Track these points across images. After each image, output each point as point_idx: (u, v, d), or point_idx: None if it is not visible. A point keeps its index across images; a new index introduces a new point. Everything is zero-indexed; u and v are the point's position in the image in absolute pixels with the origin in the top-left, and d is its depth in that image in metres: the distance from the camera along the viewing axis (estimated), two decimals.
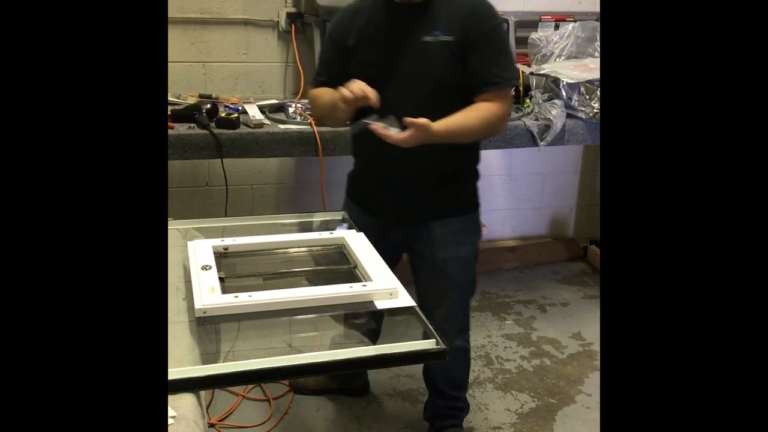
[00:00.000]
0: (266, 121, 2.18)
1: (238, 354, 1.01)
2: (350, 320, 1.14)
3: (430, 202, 1.64)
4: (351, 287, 1.12)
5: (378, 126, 1.45)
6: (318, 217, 1.57)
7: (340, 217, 1.53)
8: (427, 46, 1.54)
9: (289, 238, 1.33)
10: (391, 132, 1.42)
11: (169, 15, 2.48)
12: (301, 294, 1.08)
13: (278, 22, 2.61)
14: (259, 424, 2.03)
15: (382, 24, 1.59)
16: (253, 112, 2.16)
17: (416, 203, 1.64)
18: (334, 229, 1.47)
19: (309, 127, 2.17)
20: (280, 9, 2.60)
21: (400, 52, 1.55)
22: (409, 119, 1.40)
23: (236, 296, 1.06)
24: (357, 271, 1.23)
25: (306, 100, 2.47)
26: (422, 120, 1.41)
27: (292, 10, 2.60)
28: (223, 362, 0.97)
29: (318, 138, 2.14)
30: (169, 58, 2.52)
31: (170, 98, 2.32)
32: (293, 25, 2.59)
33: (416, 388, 2.20)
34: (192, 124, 2.11)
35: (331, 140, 2.17)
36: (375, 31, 1.59)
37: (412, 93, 1.55)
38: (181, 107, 2.19)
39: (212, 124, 2.10)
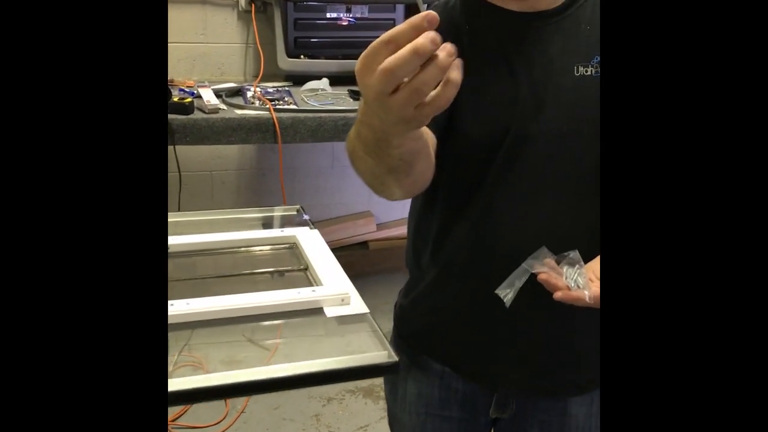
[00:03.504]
0: (222, 106, 2.08)
1: (173, 372, 0.92)
2: None
3: (582, 364, 0.99)
4: (299, 293, 1.04)
5: (553, 274, 0.82)
6: (272, 212, 1.48)
7: (295, 212, 1.44)
8: (585, 83, 0.88)
9: (235, 236, 1.24)
10: (582, 293, 0.80)
11: None
12: (243, 301, 1.00)
13: (238, 1, 2.50)
14: (214, 424, 1.95)
15: (494, 52, 0.90)
16: (208, 96, 2.05)
17: (559, 367, 0.99)
18: (294, 225, 1.39)
19: (267, 112, 2.07)
20: None
21: (536, 99, 0.89)
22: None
23: (172, 304, 0.97)
24: (308, 274, 1.15)
25: (268, 84, 2.37)
26: None
27: None
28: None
29: (277, 124, 2.05)
30: None
31: None
32: (253, 5, 2.48)
33: (378, 384, 2.13)
34: None
35: (290, 127, 2.08)
36: (482, 66, 0.89)
37: (568, 174, 0.90)
38: None
39: None
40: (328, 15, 2.54)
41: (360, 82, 0.59)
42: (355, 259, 2.91)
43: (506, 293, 0.84)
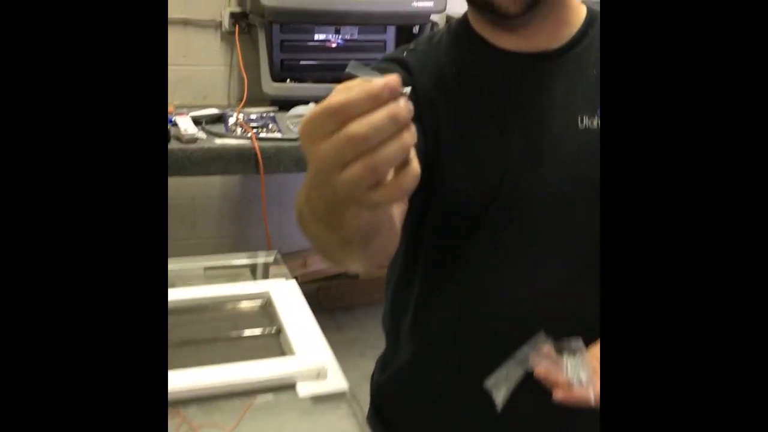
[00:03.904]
0: (201, 135, 1.95)
1: None
2: None
3: None
4: (268, 365, 0.91)
5: (552, 368, 0.70)
6: (248, 259, 1.35)
7: (272, 258, 1.31)
8: (590, 137, 0.76)
9: (201, 293, 1.11)
10: (587, 393, 0.68)
11: None
12: (198, 379, 0.87)
13: (221, 22, 2.38)
14: None
15: (484, 97, 0.78)
16: (186, 125, 1.93)
17: None
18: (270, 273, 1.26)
19: (249, 141, 1.95)
20: (223, 8, 2.37)
21: (532, 154, 0.77)
22: None
23: None
24: (281, 339, 1.02)
25: (252, 109, 2.25)
26: None
27: (237, 9, 2.37)
28: None
29: (259, 154, 1.92)
30: None
31: None
32: (237, 26, 2.36)
33: None
34: None
35: (273, 156, 1.96)
36: (470, 113, 0.78)
37: (569, 241, 0.78)
38: None
39: None
40: (316, 36, 2.43)
41: (306, 151, 0.46)
42: (345, 289, 2.77)
43: (499, 392, 0.71)
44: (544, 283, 0.79)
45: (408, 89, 0.47)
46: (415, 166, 0.45)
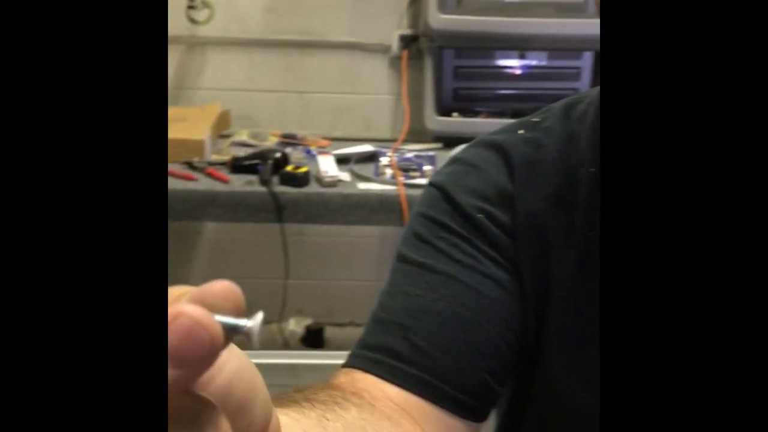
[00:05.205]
0: (344, 177, 1.72)
1: None
2: None
3: None
4: None
5: None
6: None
7: None
8: None
9: None
10: None
11: (263, 36, 2.12)
12: None
13: (390, 46, 2.14)
14: None
15: None
16: (327, 166, 1.71)
17: None
18: None
19: (394, 187, 1.68)
20: (394, 31, 2.13)
21: None
22: None
23: None
24: None
25: (413, 146, 1.98)
26: None
27: (408, 31, 2.12)
28: None
29: (404, 203, 1.65)
30: (261, 87, 2.17)
31: (245, 138, 1.93)
32: (407, 51, 2.11)
33: None
34: (254, 176, 1.71)
35: None
36: None
37: None
38: (247, 154, 1.79)
39: (275, 179, 1.68)
40: (497, 62, 2.11)
41: None
42: None
43: None
44: None
45: (252, 324, 0.23)
46: None
